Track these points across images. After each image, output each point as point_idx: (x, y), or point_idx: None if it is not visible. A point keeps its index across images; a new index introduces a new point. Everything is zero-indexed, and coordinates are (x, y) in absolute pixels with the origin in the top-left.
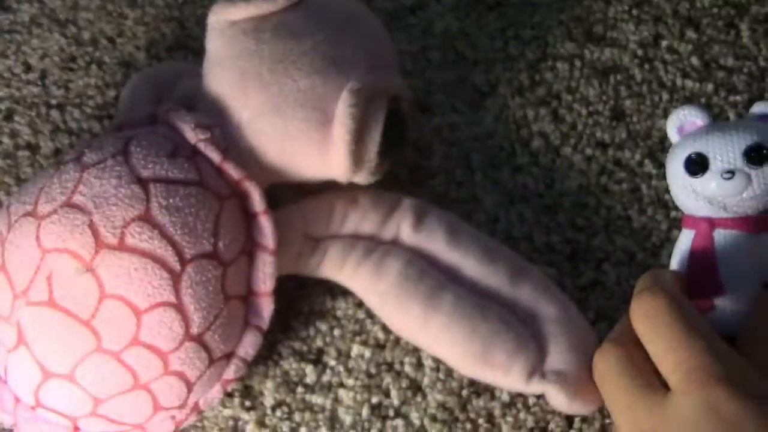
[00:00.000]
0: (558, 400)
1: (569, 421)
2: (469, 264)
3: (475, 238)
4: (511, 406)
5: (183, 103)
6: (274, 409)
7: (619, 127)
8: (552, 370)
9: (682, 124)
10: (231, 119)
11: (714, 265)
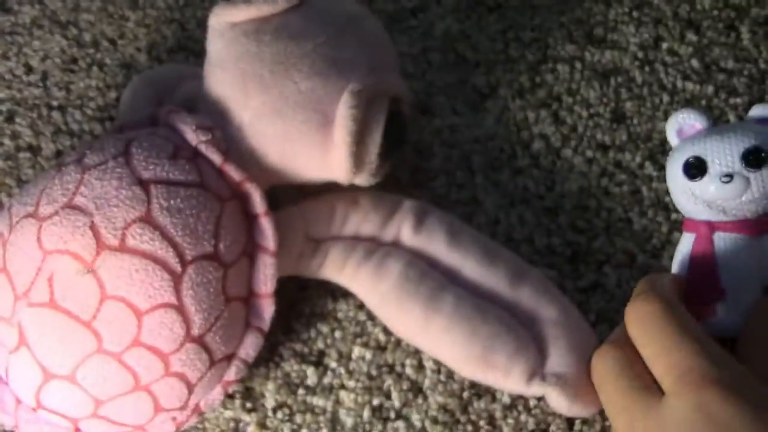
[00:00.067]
0: (558, 402)
1: (570, 423)
2: (470, 266)
3: (475, 239)
4: (512, 408)
5: (184, 105)
6: (275, 410)
7: (619, 130)
8: (552, 372)
9: (682, 127)
10: (232, 121)
11: (714, 268)
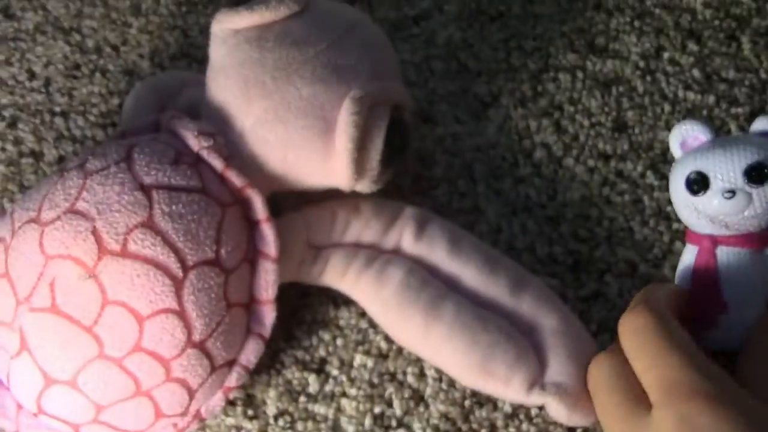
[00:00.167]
0: (558, 411)
1: None
2: (470, 274)
3: (476, 248)
4: (513, 417)
5: (187, 111)
6: (276, 418)
7: (621, 139)
8: (552, 381)
9: (685, 139)
10: (234, 127)
11: (717, 282)
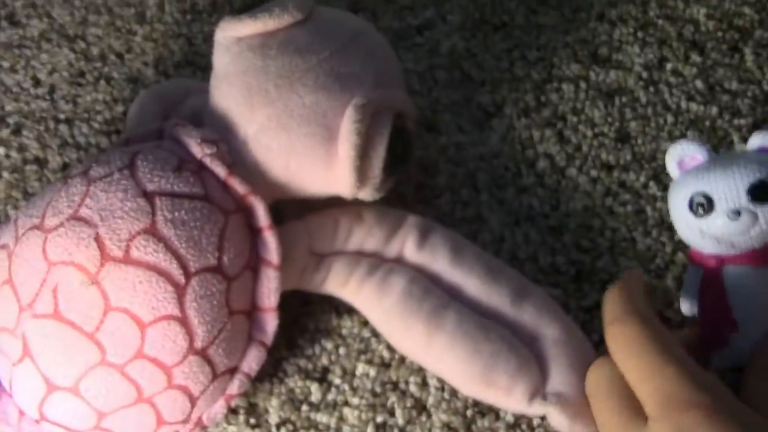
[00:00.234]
0: (559, 421)
1: None
2: (473, 283)
3: (478, 257)
4: (515, 426)
5: (191, 119)
6: (278, 427)
7: (624, 149)
8: (554, 391)
9: (682, 159)
10: (237, 134)
11: (726, 301)
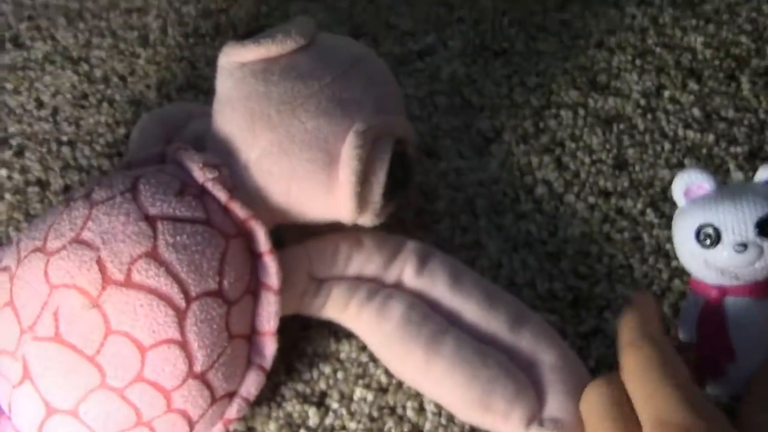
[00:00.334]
0: None
1: None
2: (471, 309)
3: (477, 283)
4: None
5: (193, 143)
6: None
7: (621, 176)
8: (550, 417)
9: (689, 187)
10: (239, 159)
11: (726, 331)
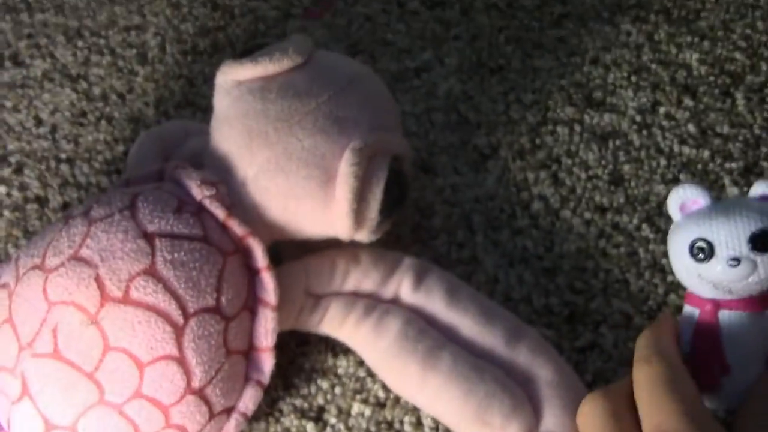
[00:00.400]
0: None
1: None
2: (467, 324)
3: (473, 298)
4: None
5: (191, 160)
6: None
7: (617, 192)
8: None
9: (684, 202)
10: (236, 176)
11: (720, 345)
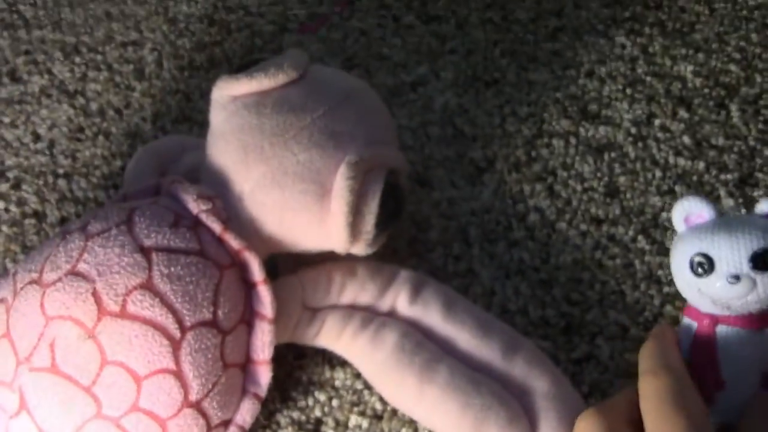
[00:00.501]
0: None
1: None
2: (464, 337)
3: (470, 311)
4: None
5: (187, 174)
6: None
7: (613, 204)
8: None
9: (689, 215)
10: (233, 190)
11: (716, 360)
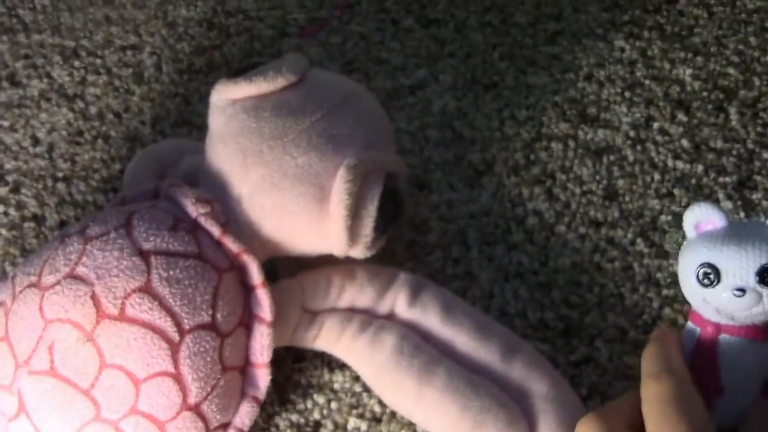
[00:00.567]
0: None
1: None
2: (463, 339)
3: (468, 314)
4: None
5: (186, 178)
6: None
7: (611, 207)
8: None
9: (699, 222)
10: (231, 194)
11: (717, 368)
